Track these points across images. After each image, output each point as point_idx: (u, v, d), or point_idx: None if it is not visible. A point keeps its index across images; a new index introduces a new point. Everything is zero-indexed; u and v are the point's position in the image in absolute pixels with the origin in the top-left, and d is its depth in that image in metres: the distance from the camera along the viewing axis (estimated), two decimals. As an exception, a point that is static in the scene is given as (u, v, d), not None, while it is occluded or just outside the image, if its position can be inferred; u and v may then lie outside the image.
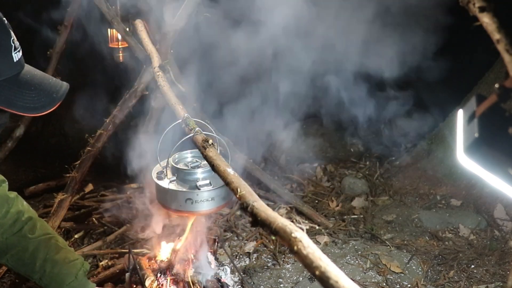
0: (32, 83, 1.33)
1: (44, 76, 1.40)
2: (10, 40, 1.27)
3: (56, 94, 1.36)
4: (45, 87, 1.36)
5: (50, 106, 1.35)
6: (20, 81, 1.31)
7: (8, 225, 1.69)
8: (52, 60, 3.15)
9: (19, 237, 1.71)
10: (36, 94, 1.32)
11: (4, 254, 1.71)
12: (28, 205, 1.79)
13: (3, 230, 1.69)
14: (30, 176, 3.76)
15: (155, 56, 2.30)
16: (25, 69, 1.35)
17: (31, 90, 1.31)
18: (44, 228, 1.78)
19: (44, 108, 1.33)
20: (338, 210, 3.32)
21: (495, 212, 3.12)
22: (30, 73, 1.36)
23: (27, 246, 1.71)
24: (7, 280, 2.54)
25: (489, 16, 0.72)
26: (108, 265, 2.57)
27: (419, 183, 3.57)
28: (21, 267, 1.73)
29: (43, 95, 1.33)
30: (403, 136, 4.49)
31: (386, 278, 2.59)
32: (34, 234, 1.73)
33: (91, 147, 2.69)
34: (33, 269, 1.71)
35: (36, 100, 1.31)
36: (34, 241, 1.72)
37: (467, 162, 0.64)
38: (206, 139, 1.45)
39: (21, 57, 1.33)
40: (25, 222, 1.73)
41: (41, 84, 1.35)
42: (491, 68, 3.51)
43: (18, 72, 1.32)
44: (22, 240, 1.71)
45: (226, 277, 2.23)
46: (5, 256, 1.72)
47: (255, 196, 1.04)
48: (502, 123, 0.61)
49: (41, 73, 1.40)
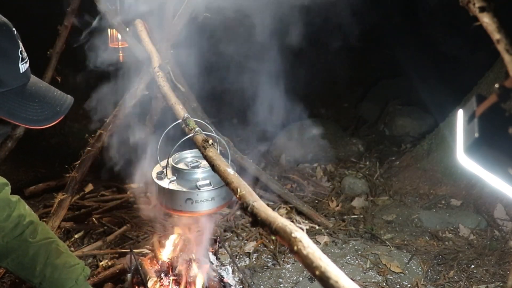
0: (37, 95, 1.32)
1: (49, 89, 1.39)
2: (18, 51, 1.27)
3: (60, 108, 1.36)
4: (49, 100, 1.34)
5: (53, 120, 1.34)
6: (25, 93, 1.29)
7: (9, 229, 1.69)
8: (52, 60, 3.15)
9: (20, 241, 1.70)
10: (40, 106, 1.31)
11: (5, 258, 1.71)
12: (30, 209, 1.79)
13: (4, 234, 1.68)
14: (30, 176, 3.76)
15: (155, 56, 2.31)
16: (30, 81, 1.34)
17: (35, 102, 1.30)
18: (45, 232, 1.77)
19: (47, 121, 1.32)
20: (338, 210, 3.32)
21: (495, 212, 3.12)
22: (36, 85, 1.35)
23: (27, 250, 1.70)
24: (7, 280, 2.54)
25: (489, 16, 0.72)
26: (108, 265, 2.57)
27: (419, 183, 3.57)
28: (21, 271, 1.73)
29: (47, 108, 1.32)
30: (403, 136, 4.51)
31: (386, 278, 2.59)
32: (35, 238, 1.72)
33: (91, 147, 2.69)
34: (33, 273, 1.71)
35: (39, 112, 1.30)
36: (34, 246, 1.71)
37: (467, 162, 0.63)
38: (206, 139, 1.45)
39: (27, 69, 1.32)
40: (26, 226, 1.72)
41: (45, 97, 1.34)
42: (491, 68, 3.51)
43: (24, 84, 1.31)
44: (23, 244, 1.71)
45: (228, 277, 2.23)
46: (5, 260, 1.71)
47: (255, 196, 1.05)
48: (502, 123, 0.61)
49: (46, 85, 1.40)
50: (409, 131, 4.54)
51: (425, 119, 4.55)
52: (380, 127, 4.75)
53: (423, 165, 3.66)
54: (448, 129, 3.60)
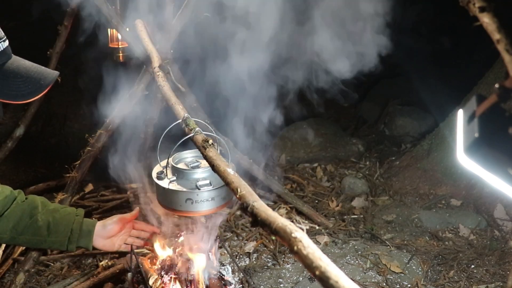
0: (19, 71, 1.33)
1: (32, 65, 1.40)
2: None
3: (43, 81, 1.36)
4: (32, 74, 1.35)
5: (37, 93, 1.34)
6: (6, 70, 1.31)
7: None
8: (52, 60, 3.15)
9: (15, 206, 1.75)
10: (23, 82, 1.32)
11: (17, 234, 1.74)
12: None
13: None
14: (30, 176, 3.76)
15: (155, 56, 2.30)
16: (12, 59, 1.34)
17: (17, 78, 1.31)
18: (23, 195, 1.84)
19: (31, 95, 1.33)
20: (338, 210, 3.33)
21: (495, 212, 3.12)
22: (18, 62, 1.36)
23: (23, 208, 1.75)
24: (7, 281, 2.54)
25: (489, 16, 0.72)
26: (108, 265, 2.57)
27: (419, 183, 3.57)
28: (31, 235, 1.75)
29: (30, 82, 1.33)
30: (403, 136, 4.50)
31: (386, 278, 2.59)
32: (23, 198, 1.79)
33: (91, 147, 2.69)
34: (39, 225, 1.73)
35: (22, 87, 1.31)
36: (27, 202, 1.78)
37: (467, 162, 0.64)
38: (206, 139, 1.45)
39: (7, 47, 1.32)
40: (13, 195, 1.78)
41: (28, 72, 1.35)
42: (491, 68, 3.51)
43: (4, 62, 1.31)
44: (18, 207, 1.76)
45: (227, 276, 2.23)
46: (15, 235, 1.74)
47: (255, 196, 1.04)
48: (502, 123, 0.61)
49: (30, 63, 1.40)
50: (409, 131, 4.54)
51: (425, 119, 4.55)
52: (380, 127, 4.75)
53: (423, 165, 3.66)
54: (448, 129, 3.60)
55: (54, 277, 2.60)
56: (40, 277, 2.60)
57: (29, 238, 1.75)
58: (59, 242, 1.78)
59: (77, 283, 2.48)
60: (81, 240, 1.81)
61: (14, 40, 1.45)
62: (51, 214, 1.77)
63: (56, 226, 1.75)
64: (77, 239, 1.79)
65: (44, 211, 1.77)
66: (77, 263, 2.73)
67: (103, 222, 1.89)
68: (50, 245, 1.79)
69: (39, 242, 1.77)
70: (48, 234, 1.75)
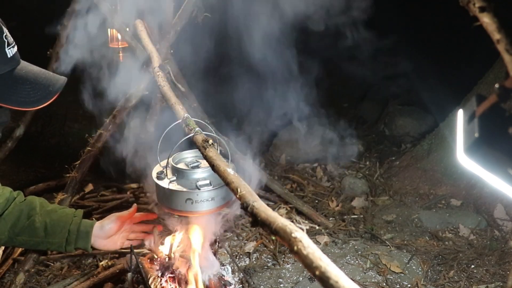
0: (27, 77, 1.32)
1: (41, 71, 1.39)
2: (3, 36, 1.26)
3: (52, 88, 1.35)
4: (41, 81, 1.34)
5: (46, 100, 1.33)
6: (15, 77, 1.30)
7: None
8: (52, 60, 3.15)
9: (13, 207, 1.75)
10: (32, 88, 1.31)
11: (14, 235, 1.74)
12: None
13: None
14: (30, 176, 3.76)
15: (155, 56, 2.30)
16: (20, 65, 1.34)
17: (26, 85, 1.30)
18: (21, 195, 1.85)
19: (40, 102, 1.32)
20: (338, 210, 3.32)
21: (495, 212, 3.12)
22: (26, 68, 1.35)
23: (21, 209, 1.75)
24: (7, 281, 2.54)
25: (489, 16, 0.72)
26: (108, 265, 2.57)
27: (419, 183, 3.56)
28: (28, 236, 1.75)
29: (39, 89, 1.32)
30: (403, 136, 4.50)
31: (386, 278, 2.59)
32: (22, 199, 1.79)
33: (91, 147, 2.69)
34: (36, 226, 1.73)
35: (31, 94, 1.30)
36: (26, 202, 1.78)
37: (467, 162, 0.64)
38: (206, 139, 1.45)
39: (16, 53, 1.32)
40: (13, 196, 1.78)
41: (37, 78, 1.34)
42: (491, 68, 3.51)
43: (13, 68, 1.31)
44: (16, 208, 1.76)
45: (227, 276, 2.23)
46: (13, 236, 1.74)
47: (255, 196, 1.04)
48: (502, 123, 0.61)
49: (38, 68, 1.39)
50: (409, 131, 4.53)
51: (425, 119, 4.55)
52: (380, 127, 4.75)
53: (423, 165, 3.66)
54: (448, 129, 3.60)
55: (54, 277, 2.60)
56: (40, 277, 2.60)
57: (27, 239, 1.75)
58: (56, 244, 1.77)
59: (77, 283, 2.48)
60: (79, 241, 1.81)
61: (14, 40, 1.45)
62: (48, 215, 1.77)
63: (53, 227, 1.75)
64: (75, 240, 1.79)
65: (42, 212, 1.77)
66: (77, 263, 2.73)
67: (100, 223, 1.89)
68: (48, 246, 1.79)
69: (37, 243, 1.77)
70: (46, 235, 1.74)
